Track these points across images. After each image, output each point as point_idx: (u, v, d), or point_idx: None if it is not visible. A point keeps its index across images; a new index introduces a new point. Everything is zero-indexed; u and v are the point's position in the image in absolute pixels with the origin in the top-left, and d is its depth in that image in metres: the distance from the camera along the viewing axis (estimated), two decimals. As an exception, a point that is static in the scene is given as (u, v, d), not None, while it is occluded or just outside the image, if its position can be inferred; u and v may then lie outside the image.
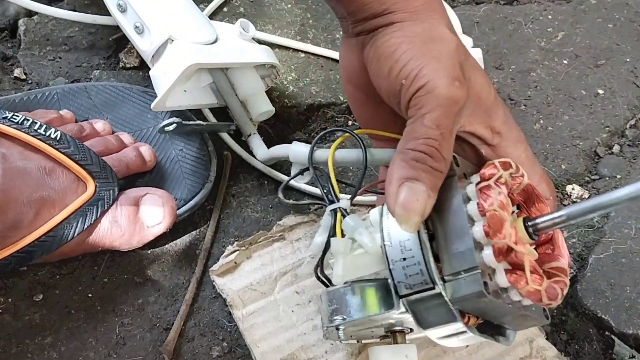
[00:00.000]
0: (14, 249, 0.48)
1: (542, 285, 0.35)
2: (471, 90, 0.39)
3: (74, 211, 0.49)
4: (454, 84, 0.38)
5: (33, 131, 0.50)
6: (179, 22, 0.57)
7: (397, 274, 0.38)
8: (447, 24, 0.41)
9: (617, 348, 0.51)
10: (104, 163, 0.52)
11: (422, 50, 0.39)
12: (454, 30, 0.42)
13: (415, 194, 0.36)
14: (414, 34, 0.40)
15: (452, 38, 0.40)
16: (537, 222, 0.37)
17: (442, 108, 0.37)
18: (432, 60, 0.38)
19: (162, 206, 0.52)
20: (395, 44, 0.40)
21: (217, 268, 0.53)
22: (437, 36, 0.40)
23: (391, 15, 0.41)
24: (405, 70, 0.39)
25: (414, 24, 0.41)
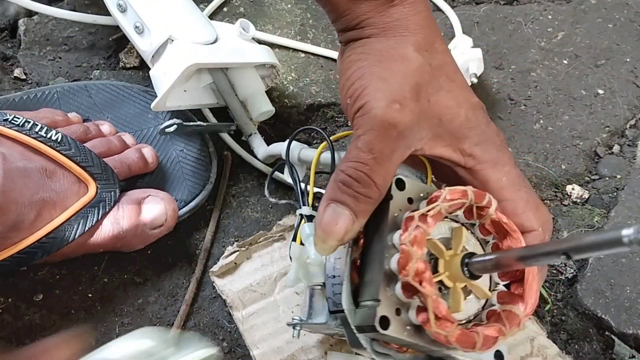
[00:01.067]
0: (15, 250, 0.47)
1: (449, 331, 0.32)
2: (428, 112, 0.38)
3: (75, 213, 0.49)
4: (392, 106, 0.36)
5: (34, 133, 0.50)
6: (179, 22, 0.57)
7: (328, 290, 0.38)
8: (417, 42, 0.40)
9: (617, 348, 0.51)
10: (105, 165, 0.52)
11: (373, 69, 0.38)
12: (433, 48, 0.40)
13: (336, 218, 0.36)
14: (374, 51, 0.40)
15: (415, 57, 0.39)
16: (472, 261, 0.34)
17: (375, 131, 0.36)
18: (377, 81, 0.38)
19: (164, 209, 0.52)
20: (352, 60, 0.40)
21: (217, 269, 0.53)
22: (397, 55, 0.39)
23: (361, 30, 0.41)
24: (352, 89, 0.39)
25: (378, 41, 0.40)
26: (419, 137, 0.38)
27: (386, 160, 0.36)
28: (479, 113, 0.40)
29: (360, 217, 0.36)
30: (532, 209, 0.39)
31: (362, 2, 0.40)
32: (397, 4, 0.40)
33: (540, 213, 0.39)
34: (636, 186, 0.61)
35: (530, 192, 0.40)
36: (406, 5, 0.40)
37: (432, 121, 0.38)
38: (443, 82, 0.39)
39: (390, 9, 0.40)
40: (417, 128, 0.37)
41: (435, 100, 0.38)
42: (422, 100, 0.38)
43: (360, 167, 0.36)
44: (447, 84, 0.39)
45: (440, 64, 0.40)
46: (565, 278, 0.56)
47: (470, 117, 0.39)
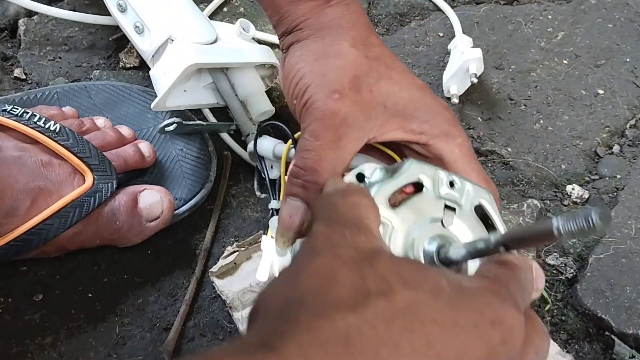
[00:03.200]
0: (11, 237, 0.48)
1: None
2: (372, 101, 0.39)
3: (71, 201, 0.49)
4: (332, 96, 0.38)
5: (32, 123, 0.50)
6: (179, 22, 0.57)
7: None
8: (351, 38, 0.41)
9: (617, 348, 0.51)
10: (102, 156, 0.52)
11: (312, 67, 0.40)
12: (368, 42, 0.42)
13: (290, 210, 0.36)
14: (311, 51, 0.41)
15: (350, 51, 0.41)
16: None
17: (318, 121, 0.38)
18: (317, 77, 0.39)
19: (160, 202, 0.52)
20: (292, 63, 0.41)
21: (216, 269, 0.53)
22: (332, 52, 0.41)
23: (300, 32, 0.43)
24: (296, 90, 0.40)
25: (314, 41, 0.42)
26: (369, 126, 0.39)
27: (332, 146, 0.37)
28: (423, 92, 0.42)
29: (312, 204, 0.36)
30: (482, 180, 0.40)
31: (301, 4, 0.42)
32: (333, 4, 0.43)
33: (489, 184, 0.41)
34: (636, 186, 0.61)
35: (479, 164, 0.42)
36: (341, 6, 0.43)
37: (378, 109, 0.39)
38: (382, 71, 0.41)
39: (327, 9, 0.42)
40: (363, 117, 0.39)
41: (377, 90, 0.40)
42: (363, 91, 0.39)
43: (306, 154, 0.37)
44: (387, 71, 0.41)
45: (377, 55, 0.42)
46: (565, 278, 0.56)
47: (415, 97, 0.41)
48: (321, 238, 0.29)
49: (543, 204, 0.60)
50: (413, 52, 0.72)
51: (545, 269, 0.56)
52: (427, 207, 0.35)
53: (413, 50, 0.72)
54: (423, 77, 0.69)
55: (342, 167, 0.38)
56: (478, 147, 0.64)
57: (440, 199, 0.36)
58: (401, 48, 0.72)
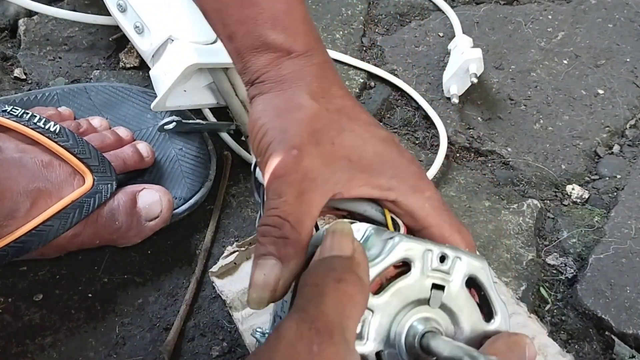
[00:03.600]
0: (11, 239, 0.48)
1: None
2: (335, 154, 0.38)
3: (71, 202, 0.49)
4: (290, 152, 0.37)
5: (32, 124, 0.50)
6: (179, 22, 0.57)
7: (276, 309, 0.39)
8: (311, 91, 0.41)
9: (617, 348, 0.51)
10: (102, 157, 0.52)
11: (273, 123, 0.39)
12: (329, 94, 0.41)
13: (262, 270, 0.35)
14: (272, 106, 0.41)
15: (311, 105, 0.40)
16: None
17: (279, 178, 0.37)
18: (278, 134, 0.39)
19: (159, 201, 0.52)
20: (255, 119, 0.41)
21: (216, 269, 0.53)
22: (293, 106, 0.40)
23: (261, 84, 0.42)
24: (260, 147, 0.40)
25: (275, 96, 0.41)
26: (334, 180, 0.38)
27: (296, 202, 0.36)
28: (389, 145, 0.40)
29: (285, 261, 0.35)
30: (456, 232, 0.39)
31: (262, 54, 0.42)
32: (294, 56, 0.42)
33: (463, 234, 0.40)
34: (636, 186, 0.61)
35: (451, 214, 0.41)
36: (302, 58, 0.42)
37: (342, 163, 0.38)
38: (345, 123, 0.40)
39: (287, 61, 0.42)
40: (327, 171, 0.38)
41: (339, 142, 0.39)
42: (324, 144, 0.38)
43: (272, 212, 0.36)
44: (349, 124, 0.40)
45: (338, 108, 0.41)
46: (565, 278, 0.56)
47: (380, 151, 0.40)
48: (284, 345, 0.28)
49: (543, 204, 0.60)
50: (413, 52, 0.72)
51: (545, 269, 0.56)
52: (413, 289, 0.34)
53: (413, 50, 0.72)
54: (423, 77, 0.69)
55: (311, 222, 0.37)
56: (478, 147, 0.64)
57: (428, 278, 0.34)
58: (401, 48, 0.72)
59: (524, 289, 0.54)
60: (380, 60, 0.71)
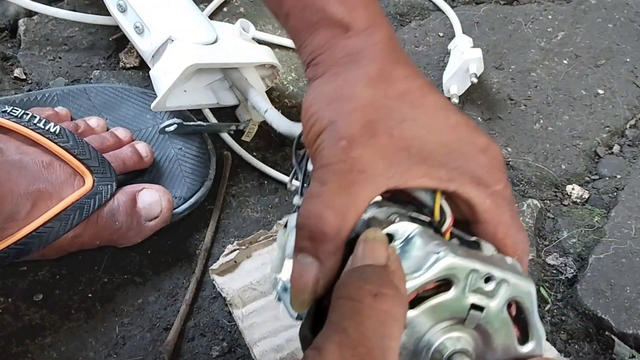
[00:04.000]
0: (12, 241, 0.48)
1: None
2: (392, 147, 0.35)
3: (71, 203, 0.49)
4: (339, 144, 0.35)
5: (32, 125, 0.50)
6: (179, 22, 0.57)
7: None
8: (367, 76, 0.37)
9: (617, 348, 0.51)
10: (102, 158, 0.52)
11: (324, 112, 0.37)
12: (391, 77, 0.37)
13: (301, 269, 0.33)
14: (324, 94, 0.38)
15: (365, 93, 0.37)
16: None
17: (325, 167, 0.35)
18: (328, 124, 0.36)
19: (159, 201, 0.52)
20: (307, 106, 0.38)
21: (217, 267, 0.53)
22: (345, 94, 0.37)
23: (315, 68, 0.39)
24: (310, 136, 0.37)
25: (328, 81, 0.38)
26: (389, 173, 0.35)
27: (341, 192, 0.34)
28: (458, 132, 0.37)
29: (323, 259, 0.33)
30: (510, 235, 0.37)
31: (318, 33, 0.39)
32: (352, 35, 0.38)
33: (518, 239, 0.38)
34: (636, 186, 0.61)
35: (515, 215, 0.38)
36: (360, 38, 0.38)
37: (400, 155, 0.36)
38: (406, 111, 0.37)
39: (343, 41, 0.38)
40: (382, 164, 0.35)
41: (398, 133, 0.36)
42: (380, 136, 0.35)
43: (311, 201, 0.34)
44: (412, 111, 0.37)
45: (400, 93, 0.37)
46: (565, 278, 0.56)
47: (446, 140, 0.37)
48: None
49: (543, 204, 0.60)
50: (413, 52, 0.72)
51: (545, 269, 0.56)
52: (450, 307, 0.32)
53: (413, 50, 0.72)
54: (423, 77, 0.69)
55: (354, 216, 0.34)
56: (478, 147, 0.64)
57: (468, 298, 0.32)
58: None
59: (524, 289, 0.54)
60: (380, 60, 0.71)
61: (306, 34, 0.40)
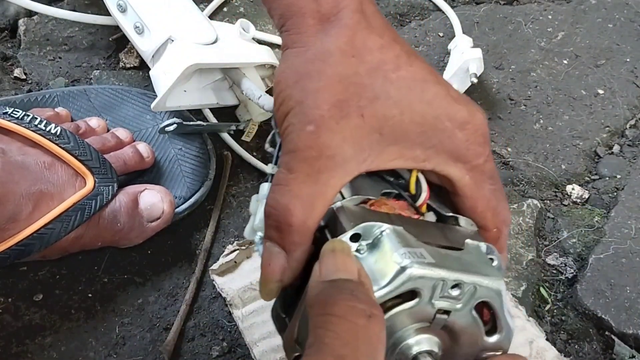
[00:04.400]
0: (13, 242, 0.48)
1: None
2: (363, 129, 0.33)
3: (72, 204, 0.49)
4: (306, 128, 0.33)
5: (33, 126, 0.50)
6: (179, 22, 0.57)
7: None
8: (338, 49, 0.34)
9: (617, 348, 0.51)
10: (103, 159, 0.52)
11: (292, 90, 0.34)
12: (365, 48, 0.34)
13: (269, 257, 0.33)
14: (292, 69, 0.35)
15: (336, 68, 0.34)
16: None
17: (292, 153, 0.33)
18: (296, 104, 0.34)
19: (161, 202, 0.52)
20: (277, 82, 0.35)
21: (217, 267, 0.53)
22: (313, 71, 0.34)
23: (287, 35, 0.36)
24: (279, 115, 0.35)
25: (297, 54, 0.35)
26: (360, 157, 0.34)
27: (308, 180, 0.33)
28: (436, 107, 0.35)
29: (290, 250, 0.32)
30: (489, 209, 0.37)
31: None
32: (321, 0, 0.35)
33: (497, 214, 0.37)
34: (636, 186, 0.61)
35: (496, 190, 0.37)
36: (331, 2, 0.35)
37: (372, 137, 0.34)
38: (379, 87, 0.34)
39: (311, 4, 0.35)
40: (350, 149, 0.33)
41: (369, 113, 0.34)
42: (350, 117, 0.33)
43: (278, 189, 0.33)
44: (385, 87, 0.34)
45: (373, 67, 0.34)
46: (565, 278, 0.56)
47: (421, 119, 0.34)
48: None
49: (543, 204, 0.60)
50: (413, 52, 0.72)
51: (545, 269, 0.56)
52: (416, 313, 0.32)
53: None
54: (423, 77, 0.69)
55: (322, 206, 0.33)
56: (478, 147, 0.64)
57: (435, 304, 0.32)
58: (401, 48, 0.72)
59: (524, 289, 0.54)
60: (380, 60, 0.71)
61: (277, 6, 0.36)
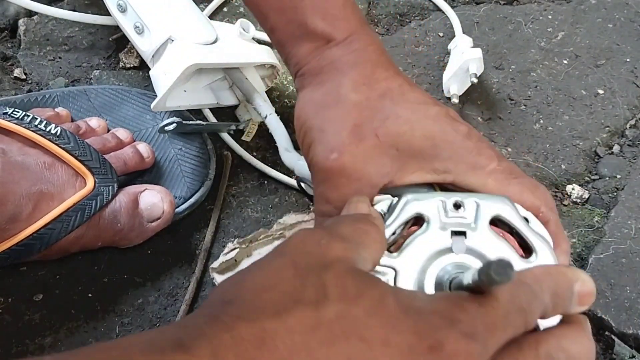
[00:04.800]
0: (13, 242, 0.48)
1: None
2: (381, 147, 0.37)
3: (72, 205, 0.49)
4: (330, 157, 0.37)
5: (33, 126, 0.50)
6: (179, 22, 0.57)
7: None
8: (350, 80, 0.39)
9: (617, 348, 0.51)
10: (103, 159, 0.52)
11: (313, 121, 0.39)
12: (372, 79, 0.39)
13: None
14: (312, 102, 0.39)
15: (349, 97, 0.38)
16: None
17: (323, 184, 0.37)
18: (318, 134, 0.38)
19: (161, 201, 0.52)
20: (297, 116, 0.40)
21: (217, 265, 0.53)
22: (331, 101, 0.38)
23: (302, 78, 0.41)
24: (304, 146, 0.39)
25: (314, 90, 0.40)
26: (382, 173, 0.37)
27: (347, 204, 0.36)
28: (440, 123, 0.38)
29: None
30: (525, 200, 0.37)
31: (302, 45, 0.40)
32: (333, 45, 0.40)
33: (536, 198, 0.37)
34: (636, 186, 0.61)
35: (523, 181, 0.38)
36: (341, 47, 0.40)
37: (389, 153, 0.37)
38: (388, 109, 0.38)
39: (326, 51, 0.40)
40: (372, 167, 0.37)
41: (383, 132, 0.37)
42: (367, 139, 0.37)
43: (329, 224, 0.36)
44: (394, 109, 0.38)
45: (382, 92, 0.38)
46: (565, 278, 0.56)
47: (430, 132, 0.37)
48: (294, 242, 0.29)
49: (543, 204, 0.60)
50: (413, 52, 0.72)
51: (545, 269, 0.56)
52: (433, 241, 0.34)
53: (413, 50, 0.72)
54: (423, 77, 0.69)
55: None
56: (478, 147, 0.64)
57: (447, 227, 0.34)
58: (401, 48, 0.72)
59: (524, 289, 0.54)
60: (380, 60, 0.71)
61: (291, 47, 0.41)
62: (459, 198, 0.34)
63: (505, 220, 0.34)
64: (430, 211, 0.34)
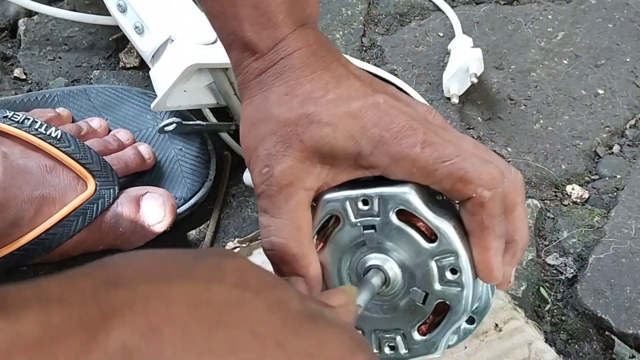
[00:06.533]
0: (15, 247, 0.48)
1: None
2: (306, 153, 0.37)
3: (74, 209, 0.49)
4: (262, 171, 0.37)
5: (34, 130, 0.50)
6: (179, 22, 0.57)
7: None
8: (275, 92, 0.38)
9: (617, 348, 0.51)
10: (104, 162, 0.52)
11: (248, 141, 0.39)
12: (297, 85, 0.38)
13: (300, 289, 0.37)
14: (246, 120, 0.39)
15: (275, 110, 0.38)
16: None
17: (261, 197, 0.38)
18: (252, 152, 0.38)
19: (163, 205, 0.52)
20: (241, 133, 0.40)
21: (217, 267, 0.53)
22: (259, 117, 0.38)
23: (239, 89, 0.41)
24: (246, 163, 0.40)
25: (247, 105, 0.40)
26: (313, 175, 0.37)
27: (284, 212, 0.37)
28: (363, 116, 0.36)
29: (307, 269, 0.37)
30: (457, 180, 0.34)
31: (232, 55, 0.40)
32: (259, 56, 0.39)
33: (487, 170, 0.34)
34: (636, 186, 0.61)
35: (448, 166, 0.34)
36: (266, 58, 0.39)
37: (314, 159, 0.37)
38: (311, 113, 0.37)
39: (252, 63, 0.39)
40: (301, 171, 0.37)
41: (307, 138, 0.37)
42: (293, 147, 0.37)
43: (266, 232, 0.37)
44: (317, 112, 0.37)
45: (304, 99, 0.37)
46: (565, 278, 0.56)
47: (350, 132, 0.36)
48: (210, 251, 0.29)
49: (543, 204, 0.60)
50: (413, 52, 0.72)
51: (545, 269, 0.56)
52: (348, 236, 0.37)
53: (413, 50, 0.72)
54: (423, 77, 0.69)
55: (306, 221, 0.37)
56: (478, 147, 0.64)
57: (356, 224, 0.36)
58: (401, 48, 0.72)
59: (523, 289, 0.54)
60: (380, 60, 0.71)
61: (229, 55, 0.41)
62: (366, 192, 0.36)
63: (408, 210, 0.35)
64: (342, 210, 0.37)
